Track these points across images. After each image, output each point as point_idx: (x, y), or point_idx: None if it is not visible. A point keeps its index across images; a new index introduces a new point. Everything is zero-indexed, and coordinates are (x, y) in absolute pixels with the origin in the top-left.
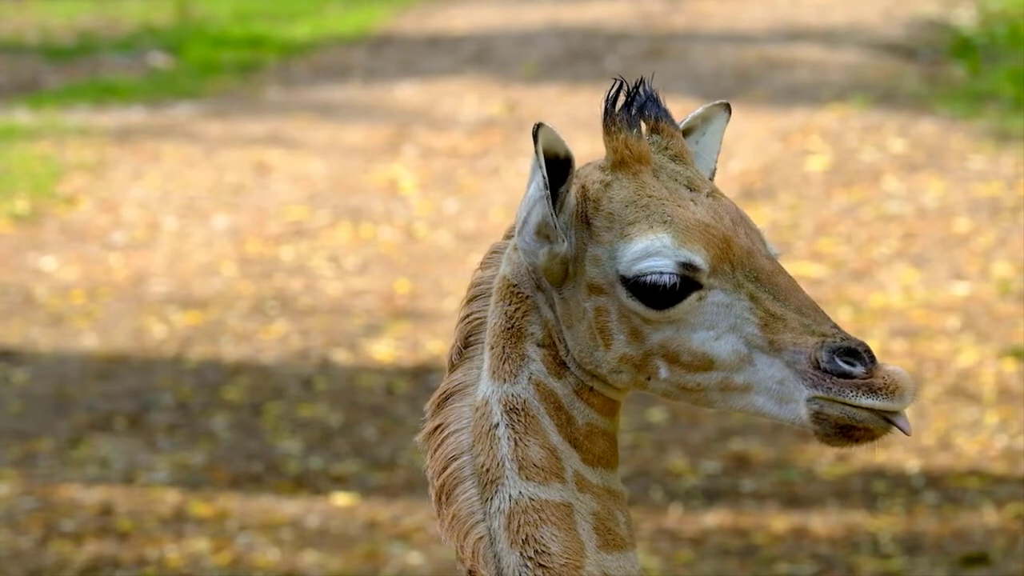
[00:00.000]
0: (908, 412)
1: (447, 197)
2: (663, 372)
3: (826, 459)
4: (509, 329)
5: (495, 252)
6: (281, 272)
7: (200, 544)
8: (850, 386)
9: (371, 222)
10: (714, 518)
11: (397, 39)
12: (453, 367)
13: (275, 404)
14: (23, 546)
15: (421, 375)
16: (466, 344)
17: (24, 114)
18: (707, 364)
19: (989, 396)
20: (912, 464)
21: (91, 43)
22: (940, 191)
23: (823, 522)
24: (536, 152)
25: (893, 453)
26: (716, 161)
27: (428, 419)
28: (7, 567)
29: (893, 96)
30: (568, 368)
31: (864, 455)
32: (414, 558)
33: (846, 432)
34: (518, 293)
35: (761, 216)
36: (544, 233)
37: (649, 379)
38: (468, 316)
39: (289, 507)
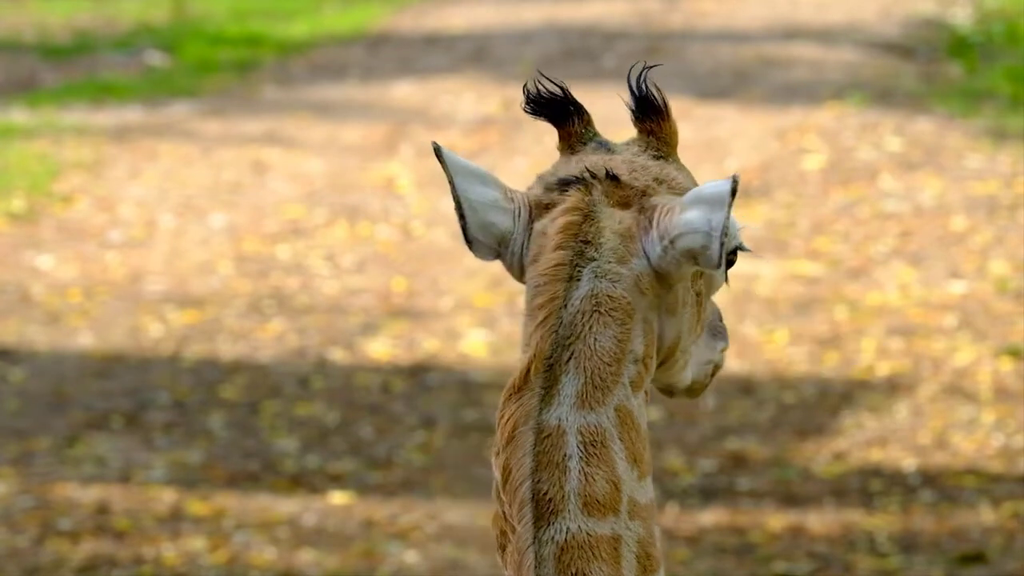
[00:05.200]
0: (904, 411)
1: (444, 195)
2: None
3: (823, 458)
4: (615, 353)
5: (558, 265)
6: (278, 271)
7: (197, 543)
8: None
9: (368, 220)
10: (711, 517)
11: (394, 38)
12: (522, 388)
13: (272, 403)
14: (20, 545)
15: (418, 374)
16: (544, 363)
17: (21, 113)
18: (699, 330)
19: (986, 394)
20: (909, 463)
21: (88, 42)
22: (937, 189)
23: (820, 521)
24: (731, 198)
25: (890, 452)
26: None
27: (499, 453)
28: (4, 565)
29: (890, 94)
30: (648, 371)
31: (861, 453)
32: (411, 557)
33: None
34: (626, 308)
35: (758, 214)
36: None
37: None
38: (544, 333)
39: (286, 506)
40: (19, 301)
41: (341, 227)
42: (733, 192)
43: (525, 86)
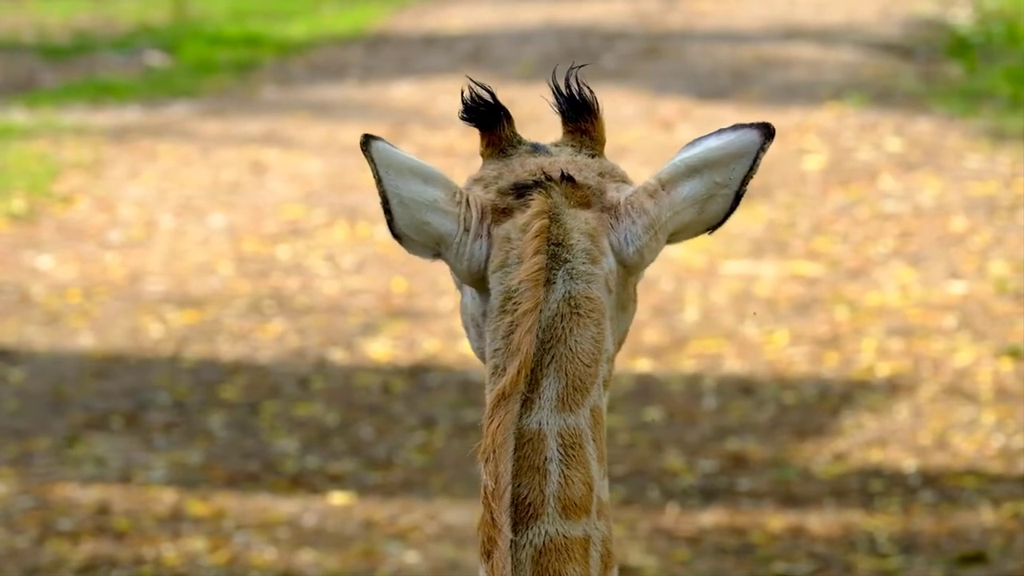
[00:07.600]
0: (904, 412)
1: None
2: None
3: (823, 458)
4: (594, 354)
5: (540, 269)
6: (278, 271)
7: (197, 543)
8: None
9: (367, 221)
10: (711, 517)
11: (393, 38)
12: (511, 395)
13: (272, 403)
14: (20, 545)
15: (418, 374)
16: (531, 371)
17: (20, 113)
18: None
19: (986, 395)
20: (909, 463)
21: (87, 42)
22: (936, 190)
23: (820, 521)
24: None
25: (890, 452)
26: None
27: (490, 459)
28: (4, 566)
29: (889, 95)
30: (613, 368)
31: (861, 454)
32: (411, 557)
33: None
34: (600, 308)
35: (758, 215)
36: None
37: None
38: (532, 339)
39: (286, 506)
40: (19, 301)
41: (341, 227)
42: (771, 136)
43: (462, 94)
